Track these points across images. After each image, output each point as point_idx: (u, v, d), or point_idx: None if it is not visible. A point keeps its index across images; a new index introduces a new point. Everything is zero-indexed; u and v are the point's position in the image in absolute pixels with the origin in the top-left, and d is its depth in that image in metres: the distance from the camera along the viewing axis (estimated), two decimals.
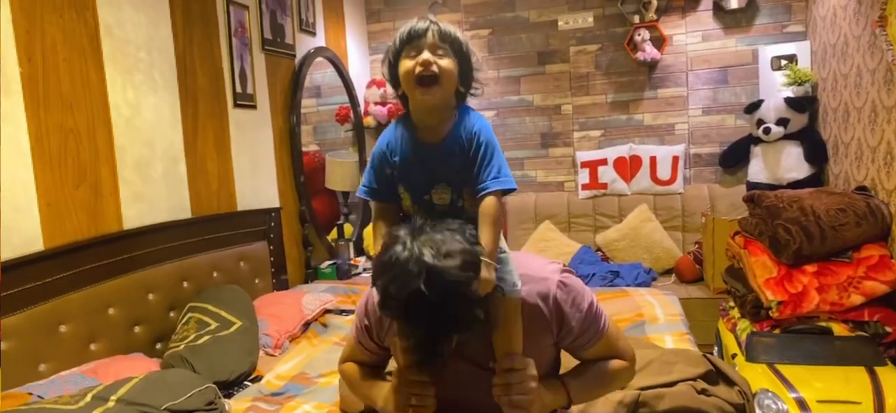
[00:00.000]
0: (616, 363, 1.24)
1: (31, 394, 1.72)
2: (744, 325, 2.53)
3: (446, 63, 1.13)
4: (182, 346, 2.11)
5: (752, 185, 3.48)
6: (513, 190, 1.15)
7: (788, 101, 3.36)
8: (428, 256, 0.93)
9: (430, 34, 1.13)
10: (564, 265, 1.21)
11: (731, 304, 2.79)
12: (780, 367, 2.22)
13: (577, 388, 1.19)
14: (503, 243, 1.15)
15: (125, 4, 2.32)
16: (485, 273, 1.03)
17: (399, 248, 0.96)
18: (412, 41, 1.14)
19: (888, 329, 2.23)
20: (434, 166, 1.16)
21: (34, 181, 1.95)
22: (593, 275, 3.44)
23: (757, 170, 3.54)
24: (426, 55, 1.12)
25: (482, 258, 1.03)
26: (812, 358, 2.23)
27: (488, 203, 1.12)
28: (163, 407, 1.65)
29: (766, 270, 2.43)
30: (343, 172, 4.09)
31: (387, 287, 0.95)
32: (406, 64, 1.14)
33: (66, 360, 1.95)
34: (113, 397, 1.63)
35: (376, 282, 0.98)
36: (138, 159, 2.37)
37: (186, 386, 1.77)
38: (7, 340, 1.80)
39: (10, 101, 1.88)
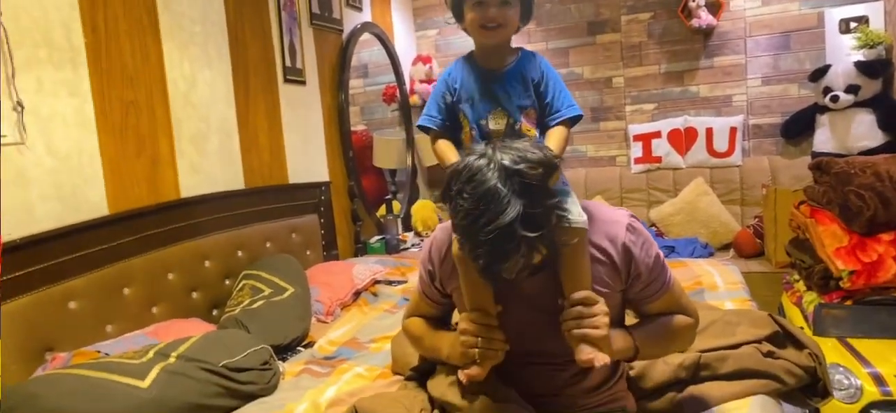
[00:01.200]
0: (680, 319, 1.20)
1: (98, 352, 1.79)
2: (811, 298, 2.41)
3: (512, 14, 1.21)
4: (237, 310, 2.15)
5: (817, 155, 3.31)
6: (580, 116, 1.28)
7: (859, 65, 3.16)
8: (507, 160, 0.94)
9: None
10: (628, 211, 1.19)
11: (796, 276, 2.67)
12: (852, 341, 2.11)
13: (644, 341, 1.15)
14: (565, 178, 1.14)
15: None
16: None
17: (474, 156, 0.97)
18: None
19: None
20: (495, 90, 1.22)
21: (99, 150, 2.01)
22: None
23: (823, 139, 3.36)
24: (493, 12, 1.19)
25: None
26: (888, 331, 2.10)
27: (560, 127, 1.24)
28: (220, 364, 1.69)
29: (836, 239, 2.31)
30: (390, 150, 4.10)
31: (462, 189, 0.95)
32: (471, 14, 1.21)
33: (130, 321, 2.02)
34: (174, 354, 1.67)
35: (450, 188, 0.99)
36: (195, 132, 2.42)
37: (242, 345, 1.81)
38: (77, 300, 1.87)
39: (76, 74, 1.94)
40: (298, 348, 2.16)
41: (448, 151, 1.26)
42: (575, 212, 1.08)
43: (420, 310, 1.35)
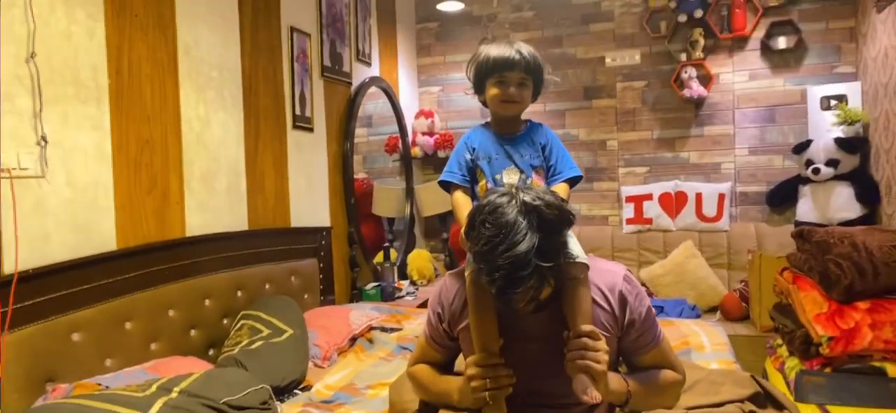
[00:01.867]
0: (669, 374, 1.28)
1: (99, 384, 1.79)
2: (792, 364, 2.48)
3: (527, 93, 1.39)
4: (236, 350, 2.17)
5: (800, 225, 3.44)
6: (581, 177, 1.45)
7: (839, 141, 3.33)
8: (528, 198, 1.06)
9: (518, 70, 1.35)
10: (624, 266, 1.31)
11: (779, 341, 2.74)
12: (831, 409, 2.17)
13: (636, 388, 1.22)
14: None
15: (202, 26, 2.49)
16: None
17: (497, 194, 1.09)
18: (503, 70, 1.35)
19: None
20: (509, 151, 1.39)
21: (113, 185, 2.09)
22: None
23: (806, 209, 3.50)
24: (513, 91, 1.36)
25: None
26: (865, 400, 2.18)
27: (564, 183, 1.41)
28: (221, 401, 1.70)
29: (817, 306, 2.39)
30: (390, 199, 4.20)
31: (485, 220, 1.06)
32: (493, 90, 1.38)
33: (129, 355, 2.03)
34: (176, 389, 1.68)
35: (474, 219, 1.09)
36: (205, 172, 2.50)
37: (243, 384, 1.81)
38: (80, 332, 1.89)
39: (99, 110, 2.03)
40: (295, 391, 2.18)
41: (465, 203, 1.39)
42: (575, 252, 1.20)
43: (426, 356, 1.41)
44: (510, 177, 1.35)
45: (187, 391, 1.70)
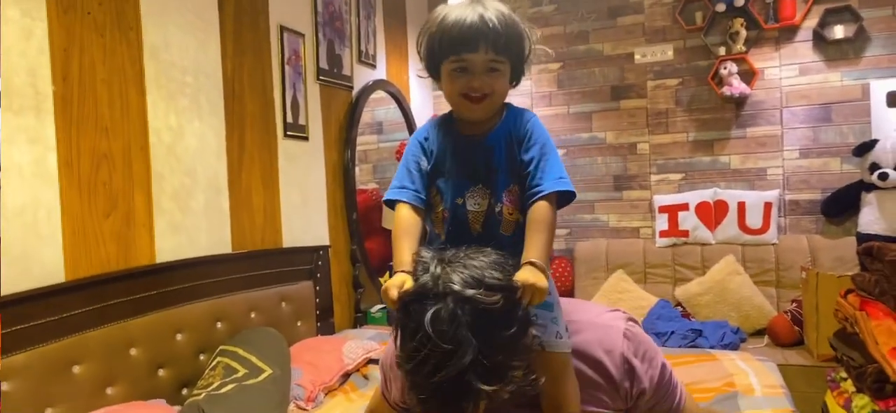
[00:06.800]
0: None
1: None
2: (862, 402, 2.08)
3: (499, 84, 0.95)
4: (202, 395, 1.91)
5: (863, 237, 3.01)
6: (573, 196, 0.95)
7: None
8: (458, 280, 0.75)
9: (484, 47, 0.91)
10: (625, 312, 0.98)
11: (843, 374, 2.34)
12: None
13: None
14: (552, 284, 0.92)
15: (172, 27, 2.22)
16: (533, 278, 0.80)
17: (420, 267, 0.82)
18: (461, 49, 0.92)
19: None
20: (475, 161, 0.98)
21: (60, 207, 1.83)
22: (672, 333, 3.04)
23: (870, 220, 3.06)
24: (477, 82, 0.93)
25: (534, 263, 0.82)
26: None
27: (543, 207, 0.92)
28: None
29: (893, 338, 1.99)
30: None
31: (406, 321, 0.78)
32: (451, 81, 0.96)
33: (77, 404, 1.77)
34: None
35: (398, 312, 0.81)
36: (178, 188, 2.23)
37: None
38: (11, 380, 1.63)
39: (40, 120, 1.78)
40: None
41: (404, 235, 0.99)
42: (554, 330, 0.88)
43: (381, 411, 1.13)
44: (476, 202, 0.97)
45: None
